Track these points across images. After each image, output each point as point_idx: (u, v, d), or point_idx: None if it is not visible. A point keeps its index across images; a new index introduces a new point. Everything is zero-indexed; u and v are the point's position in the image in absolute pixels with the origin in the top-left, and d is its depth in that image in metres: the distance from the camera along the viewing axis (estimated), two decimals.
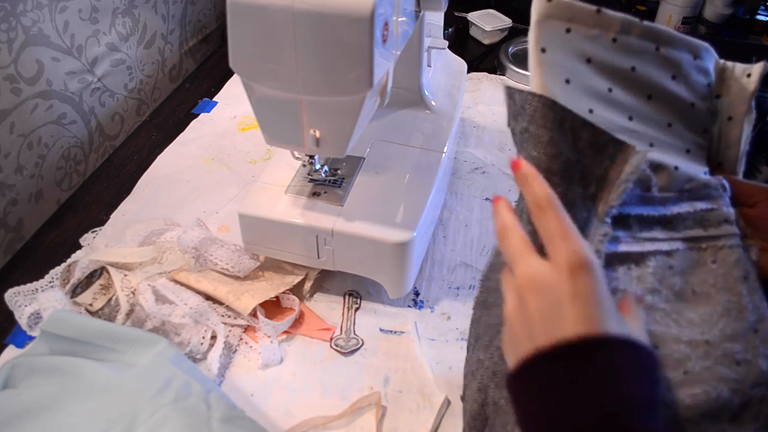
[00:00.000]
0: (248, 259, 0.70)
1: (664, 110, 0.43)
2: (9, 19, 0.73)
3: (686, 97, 0.43)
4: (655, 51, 0.43)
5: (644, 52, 0.42)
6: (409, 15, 0.63)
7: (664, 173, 0.42)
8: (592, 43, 0.41)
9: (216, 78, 1.11)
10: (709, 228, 0.42)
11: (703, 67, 0.44)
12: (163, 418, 0.51)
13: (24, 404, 0.53)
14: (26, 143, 0.80)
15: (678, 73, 0.43)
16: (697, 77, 0.44)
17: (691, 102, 0.44)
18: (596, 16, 0.41)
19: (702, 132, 0.44)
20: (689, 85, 0.44)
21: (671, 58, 0.43)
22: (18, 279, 0.71)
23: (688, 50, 0.44)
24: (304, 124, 0.56)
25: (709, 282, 0.41)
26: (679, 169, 0.42)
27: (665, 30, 0.43)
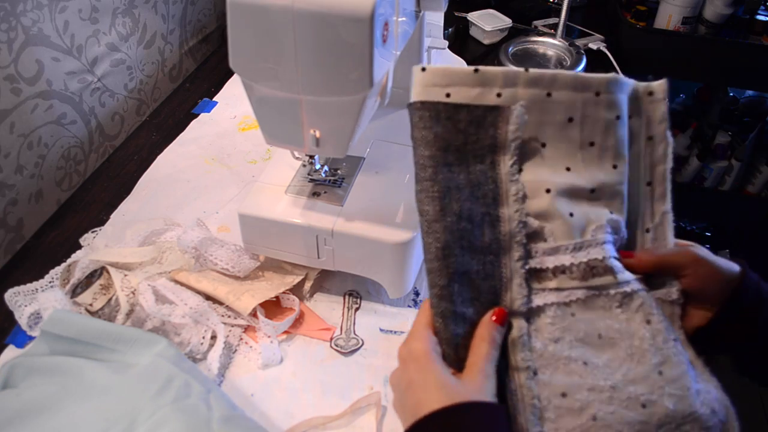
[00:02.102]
0: (248, 259, 0.70)
1: (560, 156, 0.43)
2: (9, 19, 0.73)
3: (584, 137, 0.43)
4: (547, 97, 0.42)
5: (536, 101, 0.42)
6: (409, 15, 0.63)
7: (557, 221, 0.42)
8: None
9: (216, 78, 1.11)
10: (618, 273, 0.42)
11: (609, 101, 0.43)
12: (163, 418, 0.51)
13: (24, 404, 0.53)
14: (26, 143, 0.80)
15: (574, 114, 0.42)
16: (598, 113, 0.43)
17: (590, 141, 0.43)
18: (474, 75, 0.41)
19: (611, 168, 0.43)
20: (587, 125, 0.43)
21: (564, 101, 0.42)
22: (18, 279, 0.71)
23: (584, 89, 0.42)
24: (304, 124, 0.56)
25: (614, 327, 0.41)
26: (574, 216, 0.42)
27: (557, 74, 0.42)
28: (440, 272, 0.41)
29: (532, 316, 0.41)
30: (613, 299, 0.41)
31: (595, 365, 0.40)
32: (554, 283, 0.41)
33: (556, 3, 1.38)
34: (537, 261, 0.41)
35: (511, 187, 0.42)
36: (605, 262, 0.41)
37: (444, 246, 0.40)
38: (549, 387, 0.40)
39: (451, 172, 0.41)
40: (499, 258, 0.41)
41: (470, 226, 0.41)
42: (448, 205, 0.41)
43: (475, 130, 0.41)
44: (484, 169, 0.42)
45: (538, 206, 0.42)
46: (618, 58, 1.13)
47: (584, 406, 0.40)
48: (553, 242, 0.42)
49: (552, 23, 1.27)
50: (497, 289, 0.41)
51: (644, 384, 0.39)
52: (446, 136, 0.41)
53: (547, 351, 0.41)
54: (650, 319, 0.41)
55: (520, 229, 0.41)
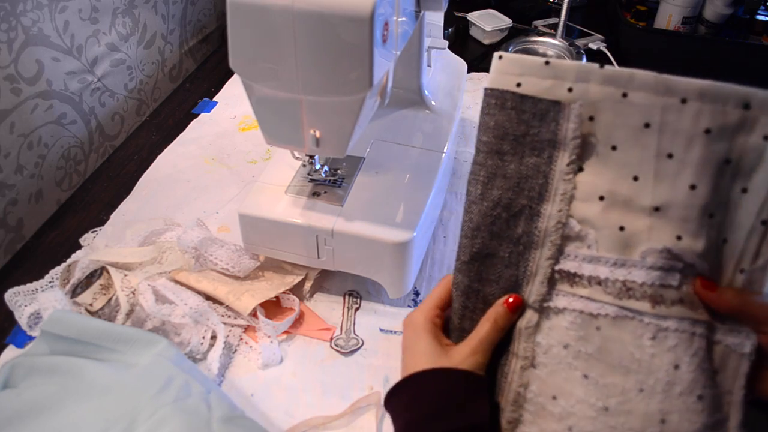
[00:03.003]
0: (248, 259, 0.70)
1: (631, 162, 0.39)
2: (9, 19, 0.73)
3: (662, 147, 0.38)
4: (622, 97, 0.38)
5: (610, 100, 0.39)
6: (409, 15, 0.63)
7: (605, 231, 0.39)
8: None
9: (216, 78, 1.11)
10: (658, 305, 0.38)
11: (698, 111, 0.37)
12: (164, 418, 0.51)
13: (24, 404, 0.53)
14: (26, 143, 0.80)
15: (652, 120, 0.38)
16: (680, 123, 0.37)
17: (668, 153, 0.38)
18: (545, 67, 0.40)
19: (688, 188, 0.38)
20: (666, 134, 0.38)
21: (641, 104, 0.38)
22: (18, 279, 0.71)
23: (666, 93, 0.38)
24: (304, 124, 0.56)
25: (635, 357, 0.38)
26: (625, 230, 0.39)
27: (634, 73, 0.38)
28: (465, 249, 0.43)
29: (550, 314, 0.41)
30: (646, 328, 0.38)
31: (594, 382, 0.39)
32: (587, 292, 0.40)
33: (556, 3, 1.38)
34: (574, 265, 0.40)
35: (561, 185, 0.40)
36: (644, 288, 0.38)
37: (475, 227, 0.42)
38: (541, 383, 0.41)
39: (503, 160, 0.41)
40: (528, 250, 0.41)
41: (506, 214, 0.41)
42: (489, 190, 0.41)
43: (538, 123, 0.40)
44: (539, 163, 0.41)
45: (585, 211, 0.40)
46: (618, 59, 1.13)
47: (565, 414, 0.39)
48: (595, 251, 0.40)
49: (552, 23, 1.27)
50: (518, 279, 0.42)
51: (639, 421, 0.38)
52: (506, 125, 0.41)
53: (551, 351, 0.41)
54: (680, 364, 0.37)
55: (557, 229, 0.40)
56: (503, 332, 0.42)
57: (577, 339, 0.40)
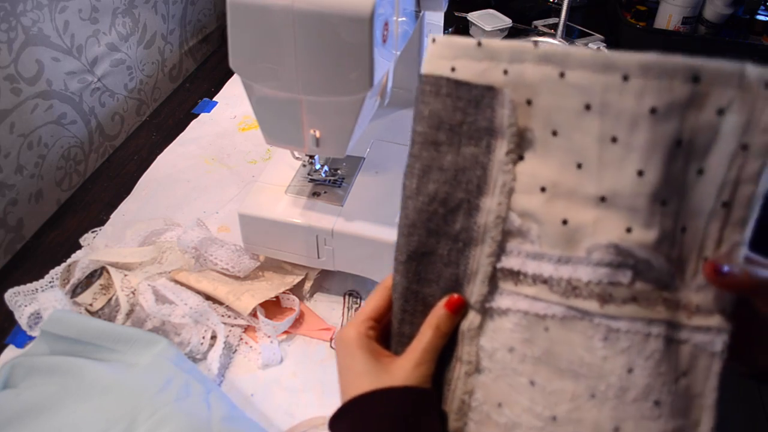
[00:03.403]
0: (248, 259, 0.70)
1: (573, 148, 0.36)
2: (9, 19, 0.73)
3: (604, 130, 0.35)
4: (560, 77, 0.35)
5: (547, 81, 0.36)
6: (409, 15, 0.63)
7: (547, 225, 0.36)
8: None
9: (216, 78, 1.11)
10: (607, 305, 0.35)
11: (641, 89, 0.34)
12: (164, 418, 0.51)
13: (24, 404, 0.53)
14: (26, 143, 0.80)
15: (592, 101, 0.35)
16: (623, 103, 0.34)
17: (612, 136, 0.34)
18: (477, 49, 0.37)
19: (635, 174, 0.34)
20: (609, 116, 0.35)
21: (580, 84, 0.35)
22: (18, 279, 0.71)
23: (606, 71, 0.34)
24: (304, 124, 0.56)
25: (585, 360, 0.36)
26: (568, 224, 0.36)
27: (570, 51, 0.35)
28: (402, 248, 0.40)
29: (493, 316, 0.39)
30: (597, 329, 0.35)
31: (541, 388, 0.37)
32: (532, 291, 0.37)
33: (556, 3, 1.38)
34: (517, 262, 0.38)
35: (500, 177, 0.38)
36: (591, 287, 0.35)
37: (410, 224, 0.39)
38: (486, 390, 0.38)
39: (438, 151, 0.38)
40: (468, 247, 0.39)
41: (443, 209, 0.39)
42: (424, 184, 0.39)
43: (474, 110, 0.38)
44: (476, 153, 0.38)
45: (526, 204, 0.37)
46: None
47: (511, 424, 0.37)
48: (538, 247, 0.37)
49: (552, 23, 1.27)
50: (460, 277, 0.39)
51: (591, 430, 0.35)
52: (441, 114, 0.38)
53: (496, 355, 0.38)
54: (633, 368, 0.35)
55: (496, 224, 0.38)
56: (447, 337, 0.39)
57: (522, 342, 0.37)
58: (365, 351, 0.40)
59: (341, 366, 0.41)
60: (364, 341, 0.40)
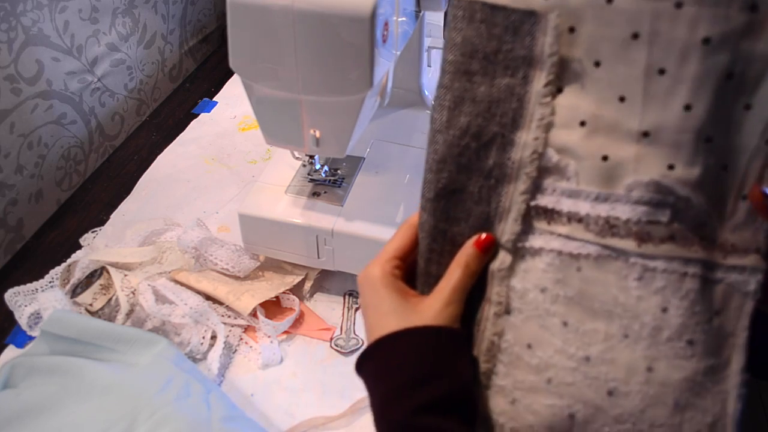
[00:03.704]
0: (248, 259, 0.70)
1: (617, 81, 0.34)
2: (9, 19, 0.73)
3: (652, 61, 0.33)
4: (607, 3, 0.33)
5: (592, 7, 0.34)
6: (409, 15, 0.63)
7: (586, 162, 0.35)
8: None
9: (216, 78, 1.11)
10: (645, 244, 0.34)
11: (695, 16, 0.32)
12: (164, 418, 0.51)
13: (24, 404, 0.53)
14: (26, 143, 0.80)
15: (641, 29, 0.33)
16: (675, 32, 0.32)
17: (660, 68, 0.33)
18: None
19: (681, 108, 0.33)
20: (658, 46, 0.33)
21: (629, 11, 0.33)
22: (18, 279, 0.71)
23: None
24: (304, 124, 0.56)
25: (620, 300, 0.35)
26: (609, 160, 0.35)
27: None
28: (430, 185, 0.38)
29: (525, 256, 0.37)
30: (631, 268, 0.35)
31: (574, 329, 0.36)
32: (566, 230, 0.36)
33: None
34: (552, 200, 0.36)
35: (538, 110, 0.36)
36: (629, 225, 0.34)
37: (440, 159, 0.37)
38: (516, 331, 0.37)
39: (471, 82, 0.36)
40: (501, 184, 0.37)
41: (475, 143, 0.37)
42: (456, 117, 0.37)
43: (511, 38, 0.35)
44: (512, 84, 0.36)
45: (564, 139, 0.35)
46: None
47: (543, 366, 0.36)
48: (575, 184, 0.35)
49: None
50: (491, 215, 0.38)
51: (623, 370, 0.35)
52: (475, 41, 0.36)
53: (527, 296, 0.37)
54: (668, 307, 0.34)
55: (532, 160, 0.36)
56: (476, 277, 0.38)
57: (555, 282, 0.36)
58: (392, 289, 0.39)
59: (367, 305, 0.39)
60: (389, 279, 0.39)
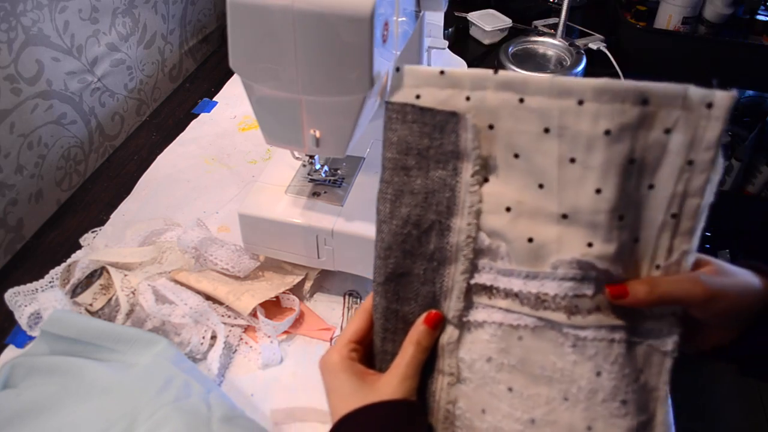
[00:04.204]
0: (248, 259, 0.70)
1: (534, 170, 0.38)
2: (9, 19, 0.73)
3: (562, 152, 0.37)
4: (519, 103, 0.37)
5: (507, 107, 0.38)
6: (409, 15, 0.63)
7: (515, 243, 0.39)
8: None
9: (216, 78, 1.11)
10: (574, 316, 0.37)
11: (596, 112, 0.35)
12: (164, 418, 0.51)
13: (24, 404, 0.53)
14: (26, 143, 0.80)
15: (550, 125, 0.36)
16: (579, 125, 0.36)
17: (570, 157, 0.36)
18: (440, 77, 0.39)
19: (593, 192, 0.36)
20: (566, 138, 0.36)
21: (539, 109, 0.37)
22: (18, 279, 0.71)
23: (562, 96, 0.36)
24: (304, 124, 0.56)
25: (557, 366, 0.38)
26: (534, 242, 0.38)
27: (528, 78, 0.37)
28: (380, 270, 0.42)
29: (470, 329, 0.41)
30: (566, 337, 0.38)
31: (519, 394, 0.39)
32: (505, 304, 0.40)
33: (556, 3, 1.38)
34: (490, 278, 0.40)
35: (468, 198, 0.40)
36: (558, 300, 0.38)
37: (386, 247, 0.41)
38: (468, 399, 0.41)
39: (408, 176, 0.40)
40: (443, 266, 0.41)
41: (416, 231, 0.40)
42: (397, 208, 0.41)
43: (439, 135, 0.39)
44: (444, 176, 0.40)
45: (493, 224, 0.39)
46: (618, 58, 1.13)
47: (492, 429, 0.39)
48: (508, 264, 0.39)
49: (552, 23, 1.27)
50: (436, 294, 0.41)
51: (566, 430, 0.38)
52: (409, 139, 0.40)
53: (475, 366, 0.40)
54: (601, 371, 0.37)
55: (468, 243, 0.40)
56: (428, 352, 0.41)
57: (498, 351, 0.40)
58: (349, 373, 0.41)
59: (328, 390, 0.42)
60: (347, 363, 0.41)
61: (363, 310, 0.44)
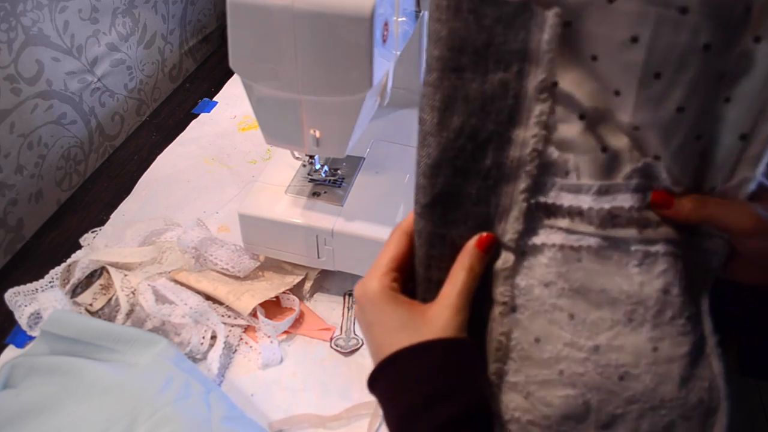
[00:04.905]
0: (248, 259, 0.70)
1: (613, 75, 0.34)
2: (9, 19, 0.73)
3: (649, 66, 0.32)
4: (608, 2, 0.32)
5: (591, 5, 0.32)
6: (409, 15, 0.63)
7: (586, 156, 0.35)
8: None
9: (216, 78, 1.11)
10: (645, 230, 0.35)
11: (698, 24, 0.31)
12: (164, 418, 0.51)
13: (24, 404, 0.53)
14: (26, 143, 0.80)
15: (641, 33, 0.32)
16: (677, 38, 0.31)
17: (656, 72, 0.32)
18: None
19: (674, 110, 0.33)
20: (657, 50, 0.32)
21: (631, 13, 0.32)
22: (18, 279, 0.71)
23: (664, 3, 0.31)
24: (304, 124, 0.56)
25: (623, 288, 0.35)
26: (608, 151, 0.35)
27: None
28: (425, 190, 0.37)
29: (527, 253, 0.37)
30: (632, 256, 0.35)
31: (581, 320, 0.36)
32: (566, 224, 0.36)
33: None
34: (552, 195, 0.36)
35: (536, 106, 0.34)
36: (631, 213, 0.35)
37: (434, 164, 0.36)
38: (523, 328, 0.37)
39: (461, 79, 0.34)
40: (499, 184, 0.36)
41: (471, 145, 0.35)
42: (448, 118, 0.35)
43: (503, 30, 0.33)
44: (507, 79, 0.34)
45: (564, 133, 0.35)
46: None
47: (554, 358, 0.36)
48: (576, 178, 0.35)
49: None
50: (490, 216, 0.37)
51: (631, 355, 0.35)
52: (464, 34, 0.33)
53: (532, 293, 0.37)
54: (669, 289, 0.35)
55: (533, 158, 0.35)
56: (479, 278, 0.37)
57: (558, 276, 0.36)
58: (395, 304, 0.37)
59: (371, 322, 0.38)
60: (389, 294, 0.38)
61: (401, 232, 0.39)
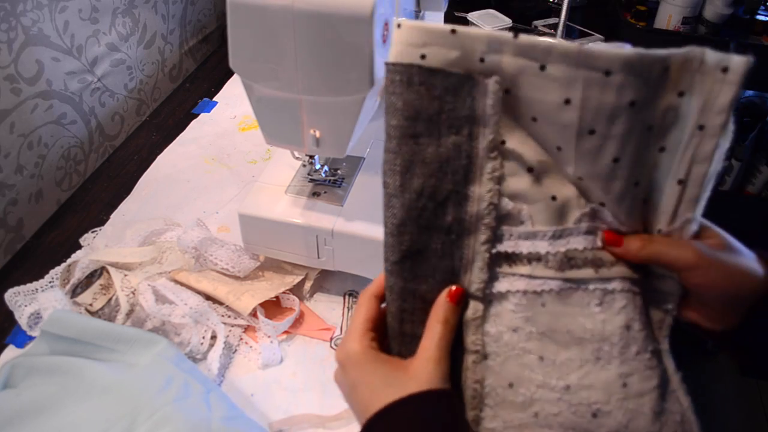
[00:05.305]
0: (248, 259, 0.70)
1: (552, 134, 0.36)
2: (9, 19, 0.73)
3: (583, 124, 0.35)
4: (540, 70, 0.35)
5: (526, 74, 0.35)
6: (409, 15, 0.63)
7: (538, 205, 0.38)
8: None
9: (216, 78, 1.11)
10: (600, 269, 0.37)
11: (622, 84, 0.34)
12: (164, 418, 0.51)
13: (24, 404, 0.53)
14: (26, 143, 0.80)
15: (572, 96, 0.35)
16: (604, 98, 0.34)
17: (590, 129, 0.35)
18: (451, 36, 0.36)
19: (611, 161, 0.36)
20: (589, 110, 0.35)
21: (561, 78, 0.35)
22: (18, 279, 0.71)
23: (588, 66, 0.34)
24: (304, 124, 0.56)
25: (587, 327, 0.37)
26: (557, 200, 0.38)
27: (553, 45, 0.35)
28: (393, 248, 0.39)
29: (493, 301, 0.39)
30: (592, 295, 0.38)
31: (551, 362, 0.38)
32: (527, 270, 0.38)
33: (556, 3, 1.38)
34: (511, 244, 0.38)
35: (487, 164, 0.37)
36: (585, 254, 0.37)
37: (400, 223, 0.38)
38: (496, 374, 0.39)
39: (418, 144, 0.37)
40: (462, 238, 0.38)
41: (432, 203, 0.38)
42: (408, 180, 0.38)
43: (452, 98, 0.37)
44: (459, 142, 0.37)
45: (516, 186, 0.38)
46: None
47: (528, 401, 0.38)
48: (531, 226, 0.38)
49: (552, 23, 1.27)
50: (456, 269, 0.39)
51: (602, 392, 0.37)
52: (416, 104, 0.37)
53: (502, 339, 0.38)
54: (631, 325, 0.37)
55: (489, 211, 0.38)
56: (455, 329, 0.39)
57: (525, 320, 0.38)
58: (378, 362, 0.39)
59: (354, 383, 0.39)
60: (372, 353, 0.39)
61: (370, 295, 0.41)
